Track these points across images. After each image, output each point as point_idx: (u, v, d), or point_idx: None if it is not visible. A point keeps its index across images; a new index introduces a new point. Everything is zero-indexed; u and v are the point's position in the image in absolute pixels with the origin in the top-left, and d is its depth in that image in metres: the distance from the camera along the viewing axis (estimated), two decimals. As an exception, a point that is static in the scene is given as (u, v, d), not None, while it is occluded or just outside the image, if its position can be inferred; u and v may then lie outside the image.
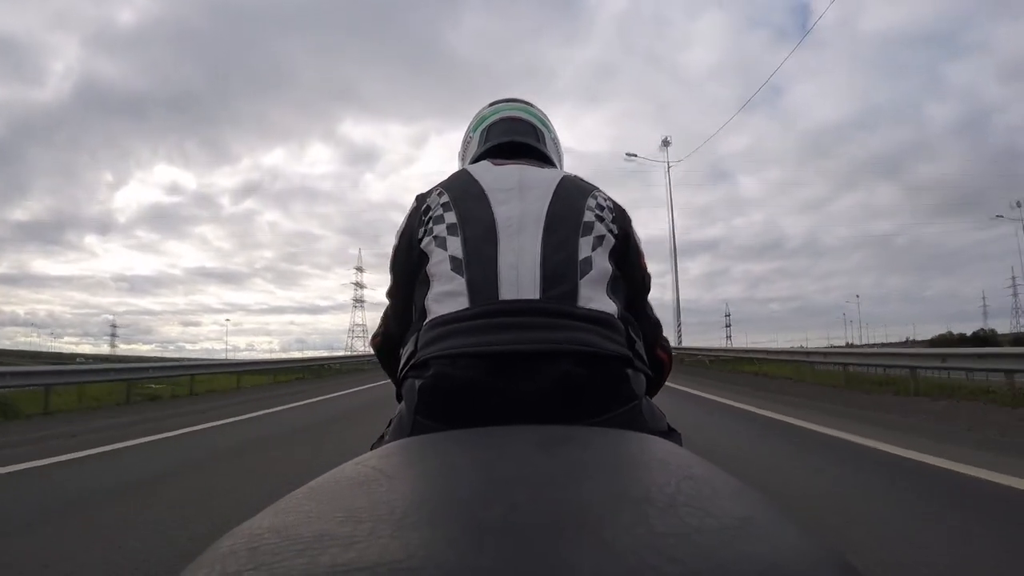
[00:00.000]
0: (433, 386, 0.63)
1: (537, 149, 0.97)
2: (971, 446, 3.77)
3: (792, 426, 5.03)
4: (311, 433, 5.38)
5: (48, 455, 4.01)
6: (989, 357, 6.80)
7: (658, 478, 0.37)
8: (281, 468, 3.61)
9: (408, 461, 0.44)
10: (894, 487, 2.88)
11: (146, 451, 4.36)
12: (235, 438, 5.06)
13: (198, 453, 4.32)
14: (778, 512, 0.31)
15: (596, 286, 0.70)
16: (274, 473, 3.47)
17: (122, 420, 6.30)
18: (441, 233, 0.74)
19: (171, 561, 1.94)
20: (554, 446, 0.44)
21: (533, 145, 0.97)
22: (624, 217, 0.82)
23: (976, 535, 2.12)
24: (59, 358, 45.38)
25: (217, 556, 0.28)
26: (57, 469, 3.67)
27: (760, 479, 2.95)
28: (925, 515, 2.39)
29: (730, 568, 0.24)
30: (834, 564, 0.27)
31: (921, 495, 2.70)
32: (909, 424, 4.97)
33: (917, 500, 2.63)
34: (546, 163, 0.95)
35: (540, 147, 0.98)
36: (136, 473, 3.52)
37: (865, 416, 5.49)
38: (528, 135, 0.98)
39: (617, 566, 0.24)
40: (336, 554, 0.25)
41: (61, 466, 3.74)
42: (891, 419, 5.26)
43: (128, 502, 2.79)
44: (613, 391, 0.64)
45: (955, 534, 2.14)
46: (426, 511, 0.31)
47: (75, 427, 5.69)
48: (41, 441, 4.78)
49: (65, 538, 2.25)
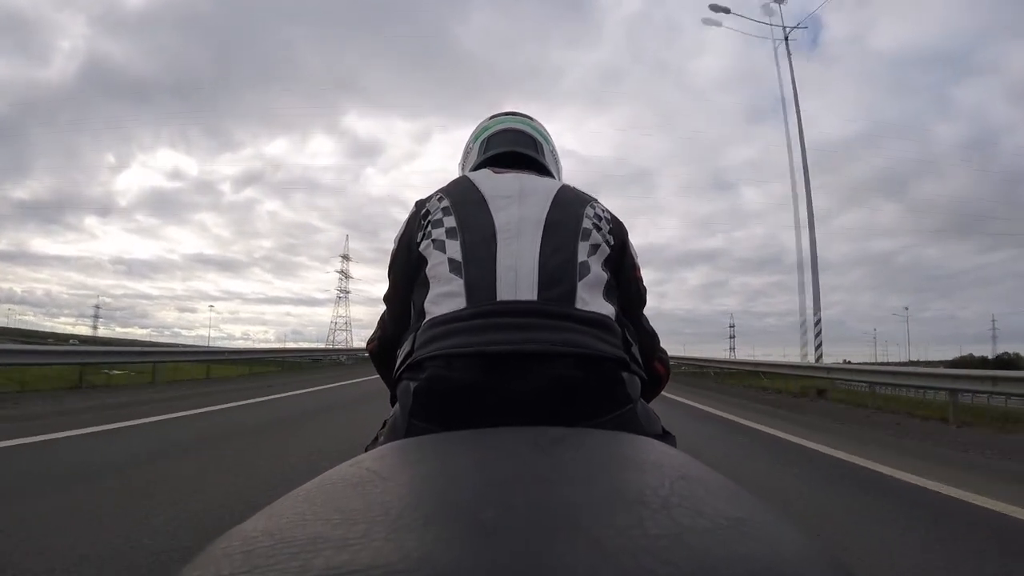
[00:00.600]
0: (428, 388, 0.64)
1: (536, 160, 0.98)
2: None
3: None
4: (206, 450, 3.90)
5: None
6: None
7: (652, 479, 0.37)
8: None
9: (403, 463, 0.44)
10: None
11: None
12: (125, 450, 3.74)
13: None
14: (772, 513, 0.32)
15: (593, 290, 0.70)
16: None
17: (35, 410, 5.54)
18: (440, 237, 0.74)
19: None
20: (548, 447, 0.44)
21: (532, 156, 0.98)
22: (621, 229, 0.83)
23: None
24: (26, 336, 44.62)
25: (211, 559, 0.28)
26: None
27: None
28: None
29: (724, 569, 0.24)
30: (827, 564, 0.28)
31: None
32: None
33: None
34: (545, 174, 0.96)
35: (539, 158, 0.99)
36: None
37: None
38: (528, 146, 0.99)
39: (611, 567, 0.24)
40: (330, 556, 0.25)
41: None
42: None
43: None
44: (608, 393, 0.65)
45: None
46: (421, 513, 0.31)
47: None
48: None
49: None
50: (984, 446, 4.73)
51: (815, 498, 3.07)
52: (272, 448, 4.03)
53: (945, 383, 6.96)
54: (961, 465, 3.89)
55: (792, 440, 4.94)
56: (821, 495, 3.15)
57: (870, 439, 5.07)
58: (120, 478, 2.91)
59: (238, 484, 2.90)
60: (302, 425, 5.37)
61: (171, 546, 1.97)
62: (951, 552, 2.20)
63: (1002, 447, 4.68)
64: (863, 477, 3.52)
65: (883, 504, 2.88)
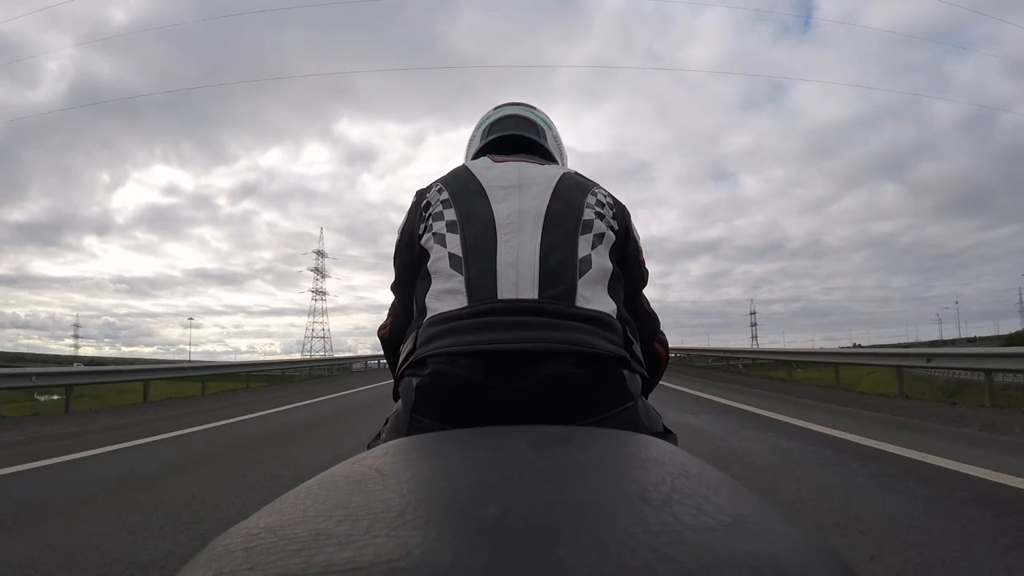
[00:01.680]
0: (430, 385, 0.64)
1: (539, 144, 0.98)
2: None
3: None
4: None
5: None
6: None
7: (653, 477, 0.37)
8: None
9: (405, 460, 0.44)
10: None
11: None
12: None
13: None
14: (773, 511, 0.32)
15: (595, 285, 0.70)
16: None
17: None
18: (441, 230, 0.74)
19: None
20: (550, 446, 0.45)
21: (534, 140, 0.98)
22: (624, 213, 0.83)
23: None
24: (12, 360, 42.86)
25: (213, 556, 0.28)
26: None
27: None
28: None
29: (725, 566, 0.24)
30: (829, 561, 0.28)
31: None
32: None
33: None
34: (547, 159, 0.96)
35: (541, 142, 0.99)
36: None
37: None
38: (529, 131, 0.99)
39: (612, 565, 0.24)
40: (332, 553, 0.25)
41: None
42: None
43: None
44: (609, 391, 0.65)
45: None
46: (422, 510, 0.31)
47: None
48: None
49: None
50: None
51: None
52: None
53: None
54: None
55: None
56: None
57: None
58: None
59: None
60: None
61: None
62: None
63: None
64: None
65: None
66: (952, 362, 8.43)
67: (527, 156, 0.90)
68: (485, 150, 0.97)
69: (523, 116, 1.02)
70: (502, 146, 0.96)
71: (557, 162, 1.00)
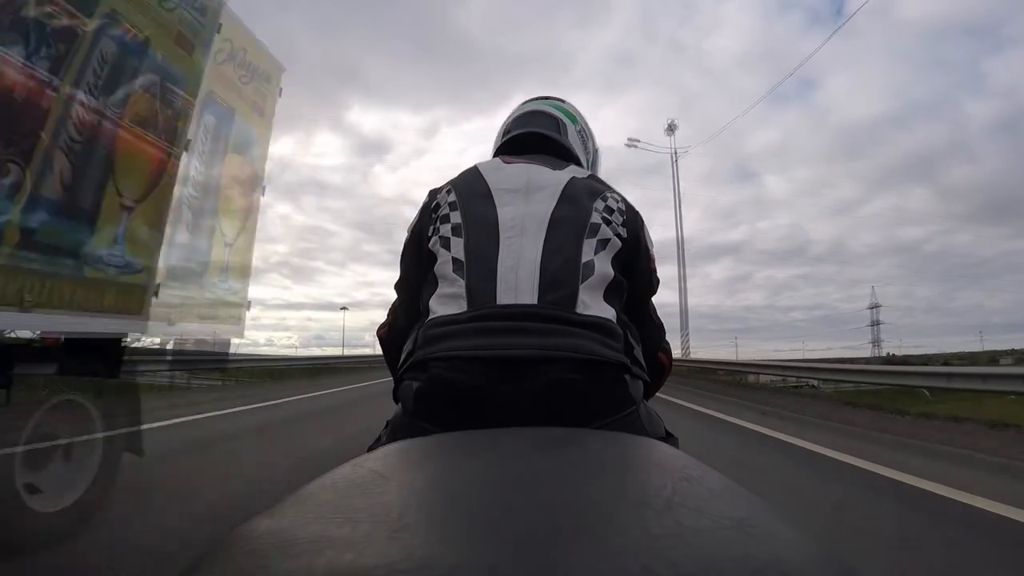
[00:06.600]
0: (430, 389, 0.64)
1: (557, 141, 0.96)
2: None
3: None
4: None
5: None
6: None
7: (655, 480, 0.37)
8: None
9: (405, 463, 0.44)
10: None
11: None
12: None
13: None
14: (775, 514, 0.32)
15: (596, 291, 0.70)
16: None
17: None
18: (446, 234, 0.74)
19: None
20: (552, 448, 0.45)
21: (553, 137, 0.96)
22: (636, 220, 0.81)
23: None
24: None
25: (215, 559, 0.28)
26: None
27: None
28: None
29: (727, 569, 0.24)
30: (831, 565, 0.28)
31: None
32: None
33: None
34: (564, 157, 0.93)
35: (559, 138, 0.96)
36: None
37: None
38: (547, 127, 0.97)
39: (614, 568, 0.24)
40: (333, 556, 0.25)
41: None
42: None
43: None
44: (610, 397, 0.65)
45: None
46: (424, 513, 0.31)
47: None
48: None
49: None
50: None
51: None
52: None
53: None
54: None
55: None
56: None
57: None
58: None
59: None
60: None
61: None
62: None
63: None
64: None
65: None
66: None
67: (541, 156, 0.89)
68: (503, 148, 0.96)
69: (543, 111, 1.00)
70: (520, 144, 0.95)
71: (578, 158, 0.98)
